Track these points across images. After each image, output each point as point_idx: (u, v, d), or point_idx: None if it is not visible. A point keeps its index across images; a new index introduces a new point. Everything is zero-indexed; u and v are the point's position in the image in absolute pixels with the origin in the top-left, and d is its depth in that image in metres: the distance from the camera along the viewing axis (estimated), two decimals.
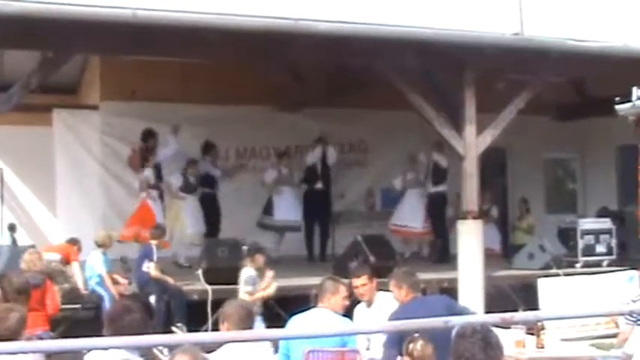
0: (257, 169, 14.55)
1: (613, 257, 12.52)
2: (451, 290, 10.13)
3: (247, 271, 9.16)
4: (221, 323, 5.36)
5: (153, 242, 10.24)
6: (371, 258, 10.80)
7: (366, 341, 6.98)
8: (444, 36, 9.77)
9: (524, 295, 11.47)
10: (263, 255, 9.37)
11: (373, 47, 9.63)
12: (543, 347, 7.30)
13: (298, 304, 8.45)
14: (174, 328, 9.64)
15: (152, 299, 9.49)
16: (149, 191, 12.01)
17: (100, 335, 4.71)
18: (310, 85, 13.53)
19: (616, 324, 9.68)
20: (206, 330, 9.43)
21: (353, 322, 6.91)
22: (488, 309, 9.91)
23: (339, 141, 14.50)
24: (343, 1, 9.63)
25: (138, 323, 4.68)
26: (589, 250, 12.52)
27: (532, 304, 10.76)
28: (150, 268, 9.96)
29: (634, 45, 10.52)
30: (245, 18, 8.95)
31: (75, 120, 13.98)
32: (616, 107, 9.88)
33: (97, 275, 10.02)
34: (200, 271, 10.28)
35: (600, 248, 12.59)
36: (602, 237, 12.62)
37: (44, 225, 13.88)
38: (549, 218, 15.12)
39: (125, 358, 4.55)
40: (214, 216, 12.86)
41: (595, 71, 11.56)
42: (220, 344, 5.02)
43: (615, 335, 8.69)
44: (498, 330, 4.18)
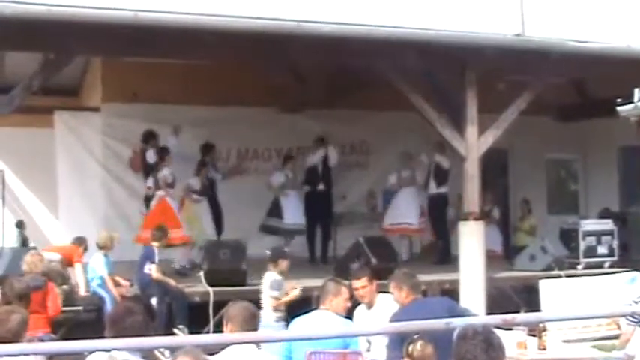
0: (258, 171, 14.55)
1: (615, 258, 12.52)
2: (452, 291, 10.13)
3: (271, 275, 9.09)
4: (224, 324, 5.33)
5: (154, 244, 10.24)
6: (372, 259, 10.80)
7: (367, 343, 6.97)
8: (446, 37, 9.76)
9: (525, 297, 11.46)
10: (286, 259, 9.34)
11: (375, 48, 9.63)
12: (545, 349, 7.29)
13: (300, 306, 8.46)
14: (175, 330, 9.64)
15: (154, 301, 9.50)
16: (168, 190, 12.01)
17: (102, 337, 4.72)
18: (311, 86, 13.53)
19: (618, 325, 9.67)
20: (208, 332, 9.43)
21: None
22: (489, 310, 9.90)
23: (341, 142, 14.47)
24: (344, 3, 9.63)
25: (140, 325, 4.68)
26: (591, 252, 12.52)
27: (534, 306, 10.76)
28: (151, 270, 9.96)
29: (635, 46, 10.51)
30: (246, 20, 8.95)
31: (76, 122, 14.00)
32: (618, 108, 9.90)
33: (99, 277, 10.02)
34: (202, 273, 10.29)
35: (602, 249, 12.59)
36: (603, 238, 12.62)
37: (46, 227, 13.87)
38: (551, 219, 15.09)
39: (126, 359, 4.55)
40: (217, 219, 12.85)
41: (596, 72, 11.55)
42: (223, 346, 5.01)
43: (617, 336, 8.68)
44: (500, 331, 4.18)
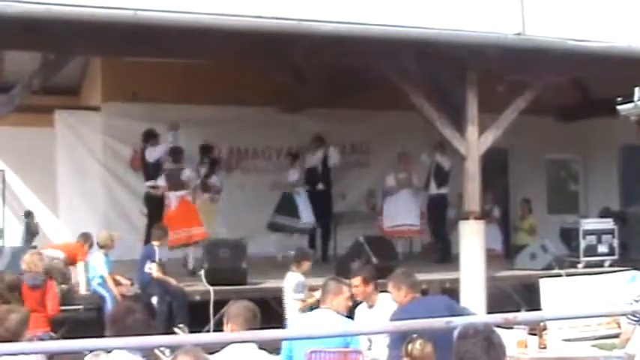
0: (258, 170, 14.55)
1: (615, 257, 12.52)
2: (453, 291, 10.12)
3: (295, 277, 9.06)
4: (225, 324, 5.31)
5: (155, 243, 10.24)
6: (373, 258, 10.79)
7: (368, 342, 6.97)
8: (446, 36, 9.75)
9: (526, 296, 11.47)
10: (310, 260, 9.32)
11: (375, 48, 9.62)
12: (545, 347, 7.30)
13: None
14: (176, 329, 9.64)
15: (154, 300, 9.49)
16: (196, 191, 12.07)
17: (102, 336, 4.72)
18: (312, 86, 13.51)
19: (618, 324, 9.67)
20: (208, 331, 9.43)
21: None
22: (490, 309, 9.89)
23: (341, 142, 14.47)
24: (345, 2, 9.62)
25: (140, 324, 4.67)
26: (591, 251, 12.52)
27: (534, 305, 10.75)
28: (152, 269, 9.96)
29: (636, 45, 10.50)
30: (246, 19, 8.93)
31: (76, 121, 14.00)
32: (618, 108, 9.89)
33: (99, 276, 10.01)
34: (202, 272, 10.29)
35: (602, 248, 12.59)
36: (604, 237, 12.61)
37: (46, 226, 13.85)
38: (551, 219, 15.07)
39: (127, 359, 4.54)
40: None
41: (597, 71, 11.53)
42: (223, 345, 5.01)
43: (617, 335, 8.68)
44: (500, 330, 4.17)
